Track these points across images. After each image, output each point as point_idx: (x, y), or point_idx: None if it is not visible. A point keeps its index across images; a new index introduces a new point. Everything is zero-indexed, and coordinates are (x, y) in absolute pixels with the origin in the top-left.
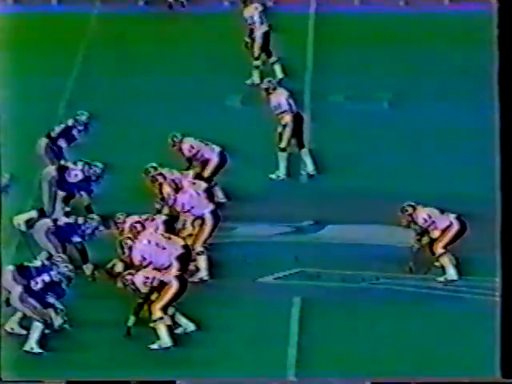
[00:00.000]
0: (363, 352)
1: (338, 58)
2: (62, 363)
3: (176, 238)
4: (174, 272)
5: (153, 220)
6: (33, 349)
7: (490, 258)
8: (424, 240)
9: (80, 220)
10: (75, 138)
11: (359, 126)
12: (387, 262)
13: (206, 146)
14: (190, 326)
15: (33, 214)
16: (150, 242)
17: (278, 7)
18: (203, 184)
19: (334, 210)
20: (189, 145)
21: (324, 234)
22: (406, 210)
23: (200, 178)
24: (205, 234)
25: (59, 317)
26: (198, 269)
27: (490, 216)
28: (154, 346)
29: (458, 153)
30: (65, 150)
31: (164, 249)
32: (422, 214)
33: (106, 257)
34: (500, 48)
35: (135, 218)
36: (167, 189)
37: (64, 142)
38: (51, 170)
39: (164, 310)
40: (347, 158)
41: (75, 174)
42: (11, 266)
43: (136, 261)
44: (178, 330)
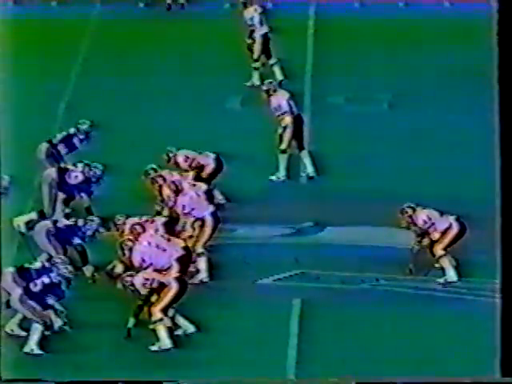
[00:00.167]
0: (363, 353)
1: (337, 60)
2: (62, 365)
3: (176, 239)
4: (173, 274)
5: (153, 222)
6: (33, 350)
7: (489, 260)
8: (424, 242)
9: (80, 222)
10: (76, 147)
11: (359, 127)
12: (387, 263)
13: (201, 155)
14: (189, 328)
15: (33, 215)
16: (150, 243)
17: (277, 9)
18: (203, 185)
19: (334, 212)
20: (183, 156)
21: (324, 235)
22: (406, 211)
23: (200, 179)
24: (205, 235)
25: (59, 318)
26: (198, 270)
27: (490, 217)
28: (154, 348)
29: (457, 154)
30: (65, 156)
31: (164, 250)
32: (422, 215)
33: (106, 258)
34: (500, 48)
35: (135, 219)
36: (167, 191)
37: (64, 149)
38: (51, 172)
39: (164, 311)
40: (347, 159)
41: (75, 175)
42: (11, 268)
43: (136, 262)
44: (178, 332)
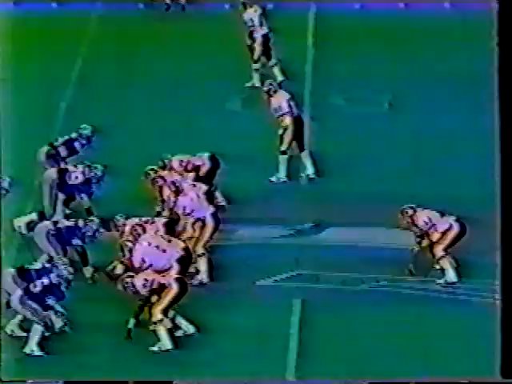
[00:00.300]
0: (363, 353)
1: (337, 61)
2: (62, 366)
3: (176, 240)
4: (174, 274)
5: (153, 222)
6: (33, 351)
7: (489, 261)
8: (424, 242)
9: (80, 222)
10: (77, 151)
11: (359, 128)
12: (387, 264)
13: (194, 156)
14: (190, 329)
15: (33, 216)
16: (150, 244)
17: (277, 9)
18: (203, 186)
19: (334, 213)
20: (178, 160)
21: (324, 236)
22: (406, 212)
23: (200, 180)
24: (205, 236)
25: (60, 319)
26: (198, 271)
27: (490, 218)
28: (155, 349)
29: (457, 155)
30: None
31: (164, 251)
32: (422, 216)
33: (106, 259)
34: (500, 49)
35: (135, 220)
36: (167, 191)
37: (65, 152)
38: (52, 173)
39: (164, 312)
40: (347, 160)
41: (76, 176)
42: (12, 269)
43: (136, 263)
44: (179, 333)
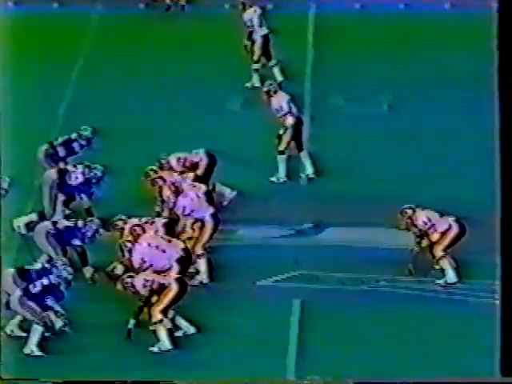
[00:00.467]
0: (363, 353)
1: (337, 61)
2: (62, 366)
3: (176, 240)
4: (173, 275)
5: (153, 223)
6: (33, 352)
7: (489, 261)
8: (423, 243)
9: (80, 223)
10: (76, 152)
11: (359, 128)
12: (387, 264)
13: (191, 153)
14: (190, 329)
15: (33, 216)
16: (150, 244)
17: (277, 10)
18: (203, 187)
19: (334, 213)
20: (175, 158)
21: (324, 236)
22: (406, 212)
23: (199, 180)
24: (205, 236)
25: (59, 319)
26: (197, 272)
27: (490, 219)
28: (154, 349)
29: (457, 156)
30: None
31: (164, 251)
32: (422, 216)
33: (106, 260)
34: (500, 49)
35: (135, 220)
36: (167, 192)
37: (63, 152)
38: (52, 173)
39: (164, 312)
40: (347, 160)
41: (76, 176)
42: (11, 269)
43: (136, 263)
44: (178, 333)
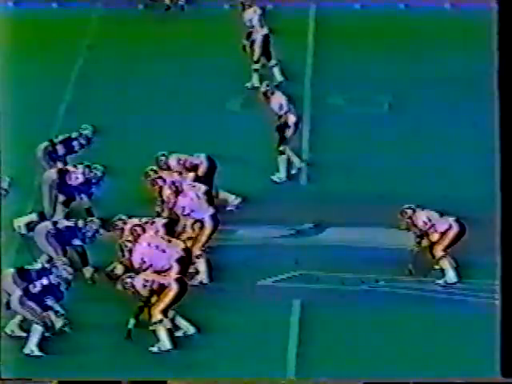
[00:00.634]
0: (363, 353)
1: (337, 61)
2: (62, 366)
3: (176, 240)
4: (173, 275)
5: (153, 223)
6: (33, 351)
7: (489, 261)
8: (423, 243)
9: (80, 223)
10: (75, 151)
11: (359, 128)
12: (387, 264)
13: (192, 156)
14: (190, 329)
15: (33, 216)
16: (150, 244)
17: (277, 10)
18: (203, 187)
19: (334, 213)
20: (175, 159)
21: (324, 236)
22: (406, 212)
23: (199, 180)
24: (204, 237)
25: (59, 319)
26: (197, 272)
27: (490, 219)
28: (154, 349)
29: (457, 156)
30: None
31: (164, 252)
32: (422, 216)
33: (106, 260)
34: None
35: (135, 220)
36: (167, 192)
37: (63, 150)
38: (52, 173)
39: (164, 312)
40: (347, 160)
41: (76, 176)
42: (11, 269)
43: (136, 264)
44: (178, 333)
